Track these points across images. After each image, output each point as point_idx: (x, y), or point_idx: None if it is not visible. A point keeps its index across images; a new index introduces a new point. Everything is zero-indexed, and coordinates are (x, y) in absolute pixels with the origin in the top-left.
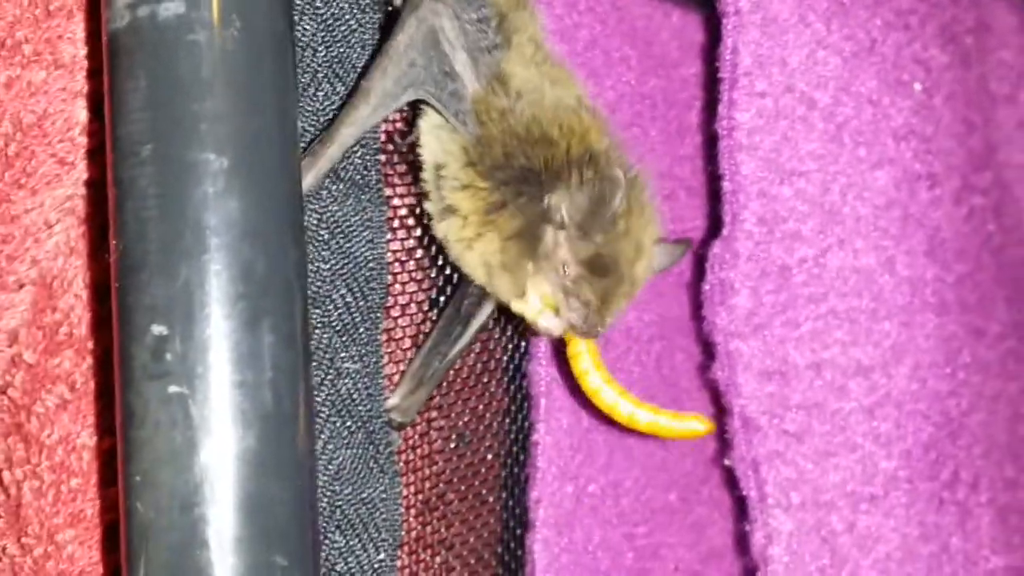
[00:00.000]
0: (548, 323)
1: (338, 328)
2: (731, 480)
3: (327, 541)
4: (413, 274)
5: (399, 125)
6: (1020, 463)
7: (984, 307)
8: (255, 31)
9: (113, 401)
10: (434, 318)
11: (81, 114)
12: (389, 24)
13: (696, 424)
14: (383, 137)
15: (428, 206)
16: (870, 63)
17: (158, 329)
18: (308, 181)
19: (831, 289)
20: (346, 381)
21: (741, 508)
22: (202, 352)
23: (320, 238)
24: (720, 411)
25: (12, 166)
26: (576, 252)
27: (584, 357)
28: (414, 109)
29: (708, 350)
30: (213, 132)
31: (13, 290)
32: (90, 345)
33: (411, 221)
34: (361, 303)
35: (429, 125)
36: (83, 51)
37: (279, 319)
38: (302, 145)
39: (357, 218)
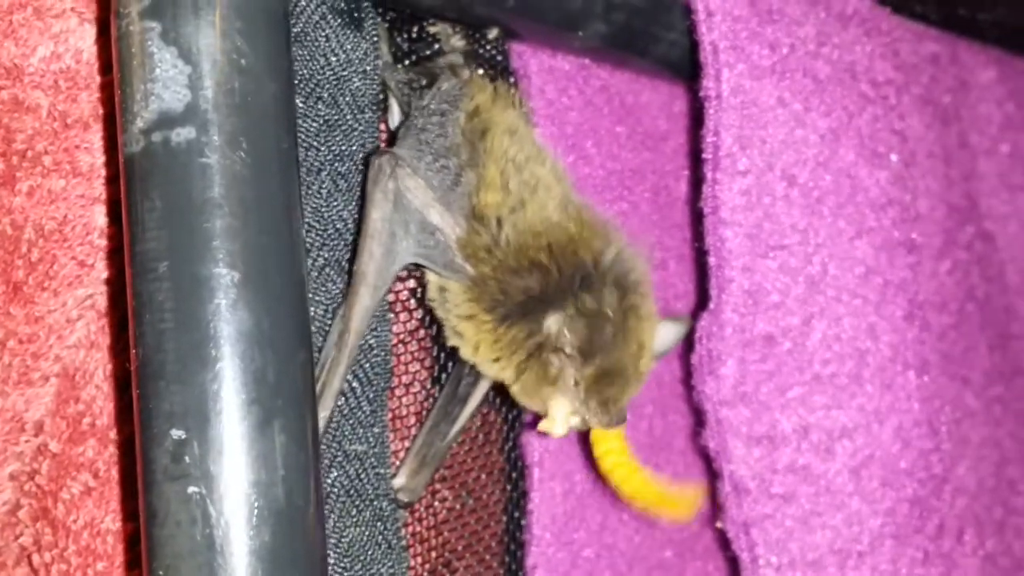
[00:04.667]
0: (575, 426)
1: (345, 413)
2: (723, 541)
3: None
4: (416, 354)
5: None
6: (1008, 506)
7: (968, 357)
8: (261, 152)
9: (135, 492)
10: (436, 395)
11: (99, 219)
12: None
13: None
14: None
15: (437, 313)
16: (847, 138)
17: (177, 433)
18: (336, 379)
19: (815, 356)
20: (354, 463)
21: (733, 568)
22: (218, 454)
23: (326, 331)
24: (711, 475)
25: (35, 270)
26: (584, 371)
27: (611, 456)
28: None
29: (699, 417)
30: (224, 248)
31: (39, 384)
32: (112, 434)
33: (412, 303)
34: (367, 389)
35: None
36: (100, 160)
37: (289, 420)
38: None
39: None
